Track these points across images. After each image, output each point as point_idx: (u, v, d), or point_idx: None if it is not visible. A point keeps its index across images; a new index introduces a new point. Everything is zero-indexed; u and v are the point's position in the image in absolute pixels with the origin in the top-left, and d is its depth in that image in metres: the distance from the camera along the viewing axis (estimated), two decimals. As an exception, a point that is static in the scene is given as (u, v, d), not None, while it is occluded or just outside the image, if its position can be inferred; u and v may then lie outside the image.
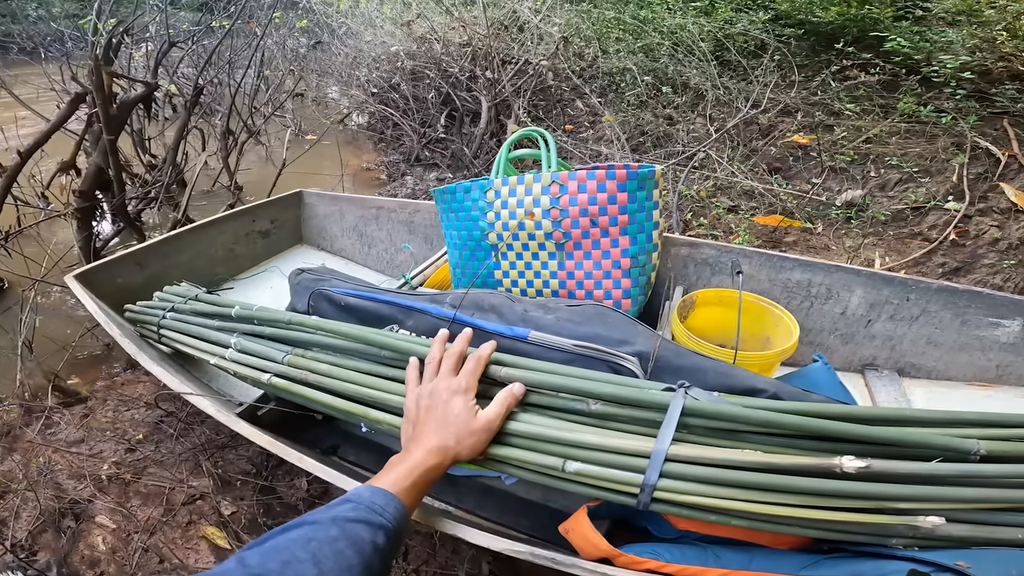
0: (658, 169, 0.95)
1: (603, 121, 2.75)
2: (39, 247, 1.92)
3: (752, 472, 0.52)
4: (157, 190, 2.04)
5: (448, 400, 0.62)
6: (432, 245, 1.48)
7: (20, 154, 1.73)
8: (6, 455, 1.30)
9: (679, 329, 0.99)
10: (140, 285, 1.27)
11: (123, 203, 1.76)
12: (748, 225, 2.02)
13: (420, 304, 0.88)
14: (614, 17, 3.74)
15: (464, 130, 3.13)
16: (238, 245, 1.57)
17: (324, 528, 0.45)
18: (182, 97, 2.57)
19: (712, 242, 1.19)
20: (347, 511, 0.48)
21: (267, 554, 0.42)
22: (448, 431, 0.60)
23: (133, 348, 0.96)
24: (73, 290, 1.15)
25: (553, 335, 0.76)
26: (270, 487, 1.21)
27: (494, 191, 1.04)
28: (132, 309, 1.13)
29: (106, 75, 1.51)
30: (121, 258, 1.28)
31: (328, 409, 0.78)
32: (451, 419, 0.60)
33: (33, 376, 1.52)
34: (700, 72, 2.86)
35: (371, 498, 0.50)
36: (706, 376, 0.69)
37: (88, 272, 1.20)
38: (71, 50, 3.53)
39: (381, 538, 0.47)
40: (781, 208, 2.07)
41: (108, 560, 1.06)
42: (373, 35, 4.02)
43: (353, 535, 0.45)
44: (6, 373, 1.53)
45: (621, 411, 0.60)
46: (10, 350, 1.54)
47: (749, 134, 2.54)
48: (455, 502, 0.88)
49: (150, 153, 2.58)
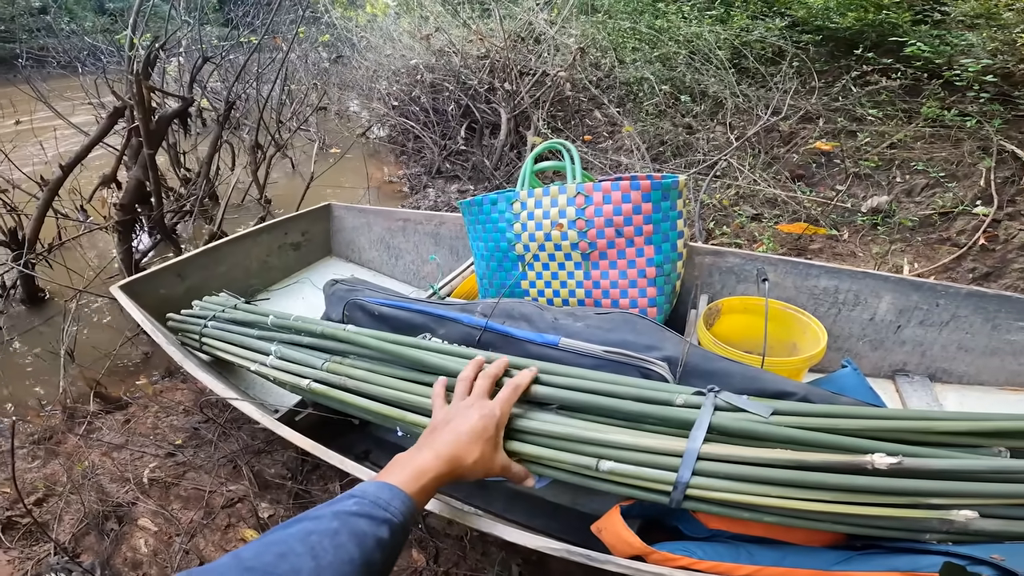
0: (681, 179, 0.97)
1: (622, 131, 2.77)
2: (79, 259, 2.00)
3: (783, 469, 0.53)
4: (192, 203, 2.11)
5: (478, 422, 0.60)
6: (458, 256, 1.51)
7: (62, 168, 1.80)
8: (50, 459, 1.35)
9: (705, 336, 1.00)
10: (181, 295, 1.33)
11: (161, 216, 1.84)
12: (772, 233, 2.02)
13: (451, 313, 0.91)
14: (630, 27, 3.77)
15: (484, 142, 3.16)
16: (271, 257, 1.62)
17: (325, 522, 0.44)
18: (214, 111, 2.65)
19: (736, 250, 1.20)
20: (350, 505, 0.47)
21: (263, 547, 0.41)
22: (469, 448, 0.58)
23: (179, 355, 1.01)
24: (119, 300, 1.20)
25: (583, 342, 0.79)
26: (305, 491, 1.24)
27: (520, 203, 1.07)
28: (174, 318, 1.18)
29: (145, 89, 1.57)
30: (163, 269, 1.34)
31: (366, 413, 0.81)
32: (478, 438, 0.59)
33: (75, 383, 1.58)
34: (718, 80, 2.86)
35: (376, 493, 0.49)
36: (734, 380, 0.71)
37: (132, 283, 1.26)
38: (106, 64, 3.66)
39: (385, 532, 0.46)
40: (805, 216, 2.06)
41: (150, 562, 1.09)
42: (392, 49, 4.09)
43: (355, 528, 0.44)
44: (49, 380, 1.59)
45: (653, 413, 0.61)
46: (53, 358, 1.60)
47: (770, 141, 2.53)
48: (484, 505, 0.89)
49: (185, 167, 2.67)
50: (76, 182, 2.08)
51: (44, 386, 1.60)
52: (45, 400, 1.55)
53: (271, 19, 2.45)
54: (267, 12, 3.58)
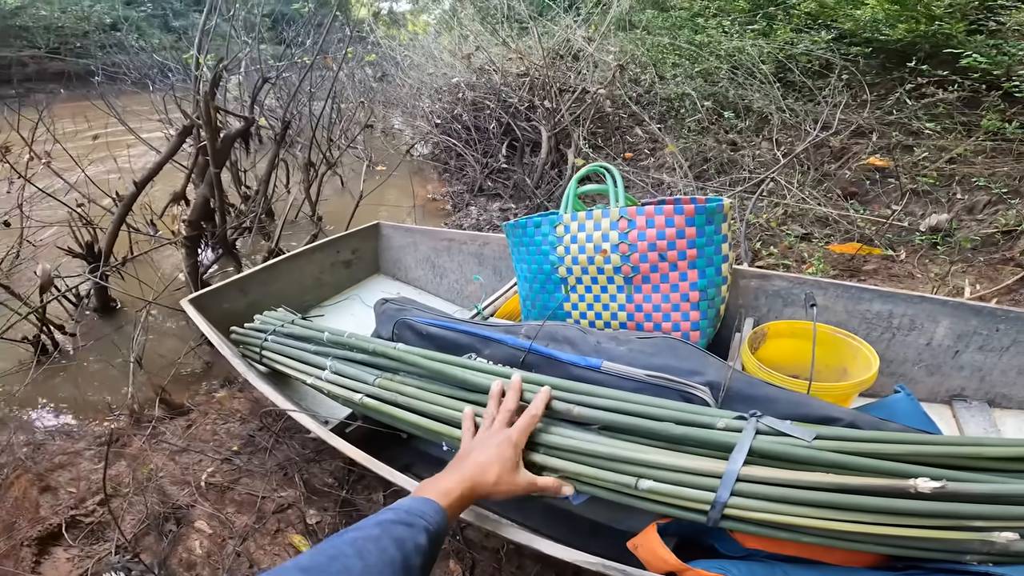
0: (726, 202, 0.97)
1: (664, 149, 2.75)
2: (147, 271, 2.14)
3: (824, 492, 0.53)
4: (251, 220, 2.24)
5: (494, 449, 0.66)
6: (501, 277, 1.54)
7: (136, 184, 1.94)
8: (115, 461, 1.43)
9: (750, 360, 0.99)
10: (242, 310, 1.41)
11: (224, 232, 1.95)
12: (823, 254, 1.96)
13: (496, 334, 0.94)
14: (669, 43, 3.76)
15: (525, 160, 3.20)
16: (324, 274, 1.71)
17: (368, 529, 0.51)
18: (270, 129, 2.79)
19: (784, 273, 1.18)
20: (389, 516, 0.53)
21: (317, 553, 0.47)
22: (490, 471, 0.64)
23: (242, 367, 1.08)
24: (188, 313, 1.29)
25: (625, 366, 0.80)
26: (350, 500, 1.28)
27: (563, 226, 1.09)
28: (237, 331, 1.26)
29: (212, 110, 1.69)
30: (226, 285, 1.43)
31: (413, 428, 0.85)
32: (495, 462, 0.65)
33: (142, 390, 1.68)
34: (763, 95, 2.82)
35: (411, 505, 0.56)
36: (779, 405, 0.71)
37: (200, 297, 1.35)
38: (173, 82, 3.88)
39: (422, 537, 0.52)
40: (859, 235, 1.99)
41: (203, 563, 1.14)
42: (435, 67, 4.20)
43: (394, 533, 0.51)
44: (118, 386, 1.70)
45: (693, 435, 0.62)
46: (122, 365, 1.71)
47: (820, 158, 2.47)
48: (520, 520, 0.91)
49: (245, 184, 2.82)
50: (148, 197, 2.23)
51: (112, 391, 1.70)
52: (114, 404, 1.64)
53: (322, 39, 2.57)
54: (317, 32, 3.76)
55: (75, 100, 3.50)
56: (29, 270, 2.32)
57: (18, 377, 1.75)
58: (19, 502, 1.29)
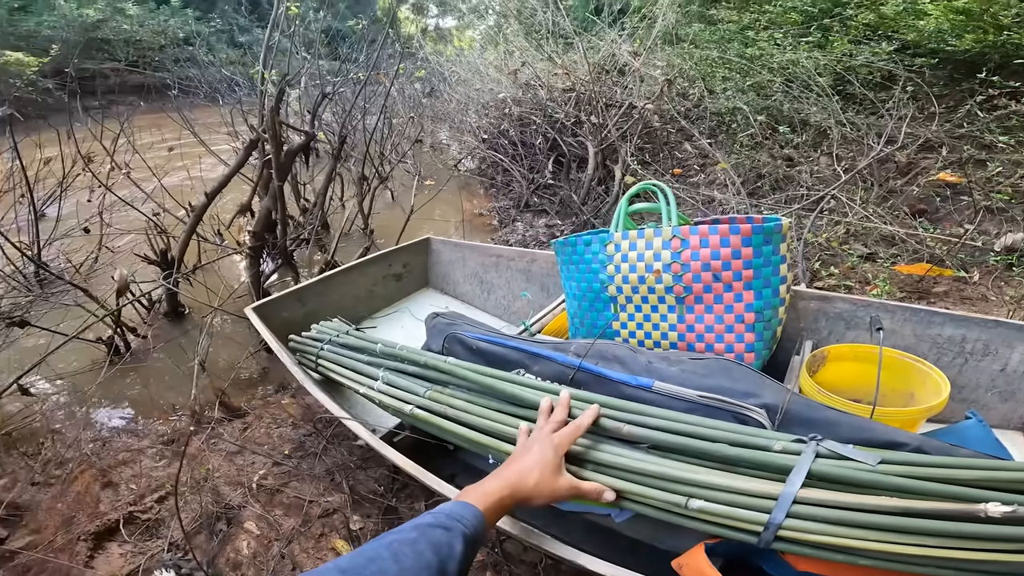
0: (785, 222, 0.94)
1: (716, 166, 2.69)
2: (212, 278, 2.26)
3: (886, 516, 0.52)
4: (309, 232, 2.34)
5: (537, 452, 0.68)
6: (548, 293, 1.55)
7: (207, 195, 2.06)
8: (175, 460, 1.48)
9: (808, 384, 0.96)
10: (300, 319, 1.48)
11: (285, 244, 2.05)
12: (888, 275, 1.86)
13: (546, 351, 0.94)
14: (718, 56, 3.70)
15: (571, 176, 3.19)
16: (376, 286, 1.76)
17: (406, 532, 0.52)
18: (328, 144, 2.91)
19: (847, 296, 1.14)
20: (428, 520, 0.55)
21: (355, 555, 0.49)
22: (531, 474, 0.65)
23: (300, 375, 1.13)
24: (252, 321, 1.36)
25: (677, 386, 0.80)
26: (393, 507, 1.29)
27: (614, 244, 1.09)
28: (295, 339, 1.32)
29: (277, 125, 1.79)
30: (287, 295, 1.50)
31: (461, 440, 0.87)
32: (536, 465, 0.66)
33: (204, 392, 1.75)
34: (821, 108, 2.72)
35: (451, 509, 0.57)
36: (840, 429, 0.69)
37: (262, 306, 1.43)
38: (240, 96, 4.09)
39: (458, 542, 0.53)
40: (928, 255, 1.88)
41: (249, 563, 1.16)
42: (481, 83, 4.28)
43: (431, 537, 0.52)
44: (182, 388, 1.78)
45: (748, 457, 0.62)
46: (187, 368, 1.79)
47: (885, 173, 2.35)
48: (561, 535, 0.90)
49: (304, 197, 2.93)
50: (215, 207, 2.36)
51: (175, 392, 1.79)
52: (177, 405, 1.73)
53: (376, 57, 2.66)
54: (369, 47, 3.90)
55: (152, 112, 3.76)
56: (106, 274, 2.50)
57: (90, 376, 1.87)
58: (80, 496, 1.36)
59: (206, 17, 12.44)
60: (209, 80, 4.87)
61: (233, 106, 3.68)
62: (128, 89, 7.12)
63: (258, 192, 2.18)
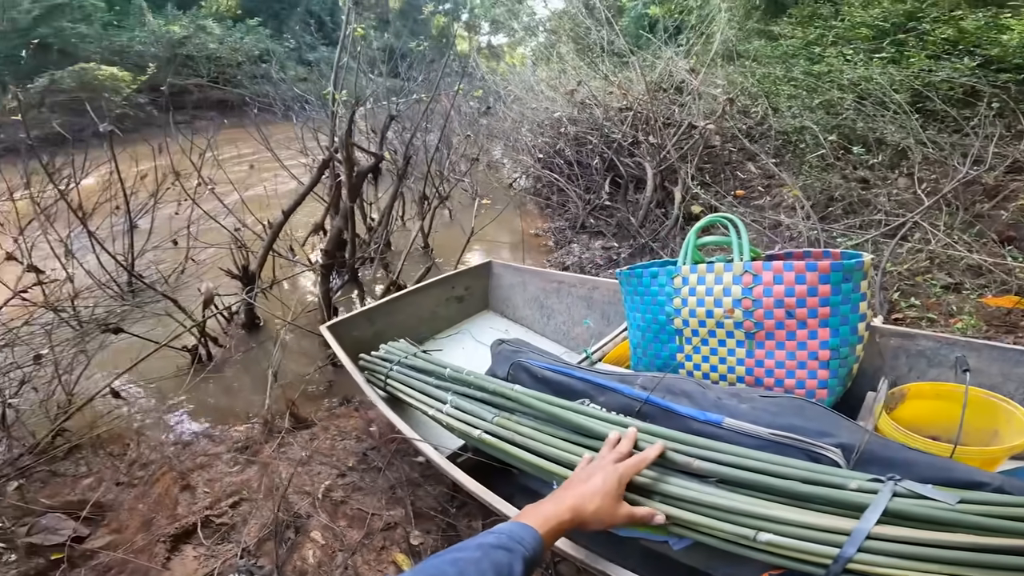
0: (867, 259, 0.92)
1: (786, 192, 2.59)
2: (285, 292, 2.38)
3: (964, 551, 0.52)
4: (374, 251, 2.45)
5: (599, 480, 0.68)
6: (609, 322, 1.55)
7: (284, 213, 2.20)
8: (247, 466, 1.54)
9: (885, 422, 0.95)
10: (369, 338, 1.55)
11: (353, 262, 2.15)
12: (975, 307, 1.74)
13: (612, 383, 0.95)
14: (782, 73, 3.59)
15: (629, 197, 3.16)
16: (439, 308, 1.82)
17: (470, 551, 0.53)
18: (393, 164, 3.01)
19: (929, 333, 1.08)
20: (491, 540, 0.56)
21: (419, 571, 0.51)
22: (592, 500, 0.66)
23: (371, 393, 1.19)
24: (327, 338, 1.44)
25: (748, 423, 0.80)
26: (452, 524, 1.31)
27: (681, 278, 1.08)
28: (365, 358, 1.39)
29: (350, 148, 1.89)
30: (358, 315, 1.59)
31: (527, 466, 0.89)
32: (599, 492, 0.67)
33: (276, 402, 1.82)
34: (898, 127, 2.58)
35: (512, 529, 0.58)
36: (918, 469, 0.68)
37: (336, 324, 1.51)
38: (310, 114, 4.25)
39: (519, 565, 0.54)
40: (1017, 287, 1.74)
41: (314, 573, 1.19)
42: (536, 101, 4.30)
43: (494, 558, 0.53)
44: (254, 396, 1.88)
45: (821, 495, 0.63)
46: (261, 378, 1.89)
47: (971, 196, 2.19)
48: (618, 560, 0.90)
49: (370, 216, 3.05)
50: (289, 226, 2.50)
51: (248, 400, 1.89)
52: (250, 413, 1.81)
53: (439, 78, 2.75)
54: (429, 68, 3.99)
55: (231, 128, 4.01)
56: (191, 285, 2.69)
57: (174, 382, 2.01)
58: (161, 499, 1.43)
59: (278, 35, 13.14)
60: (283, 97, 5.11)
61: (304, 123, 3.86)
62: (210, 104, 7.49)
63: (330, 211, 2.29)
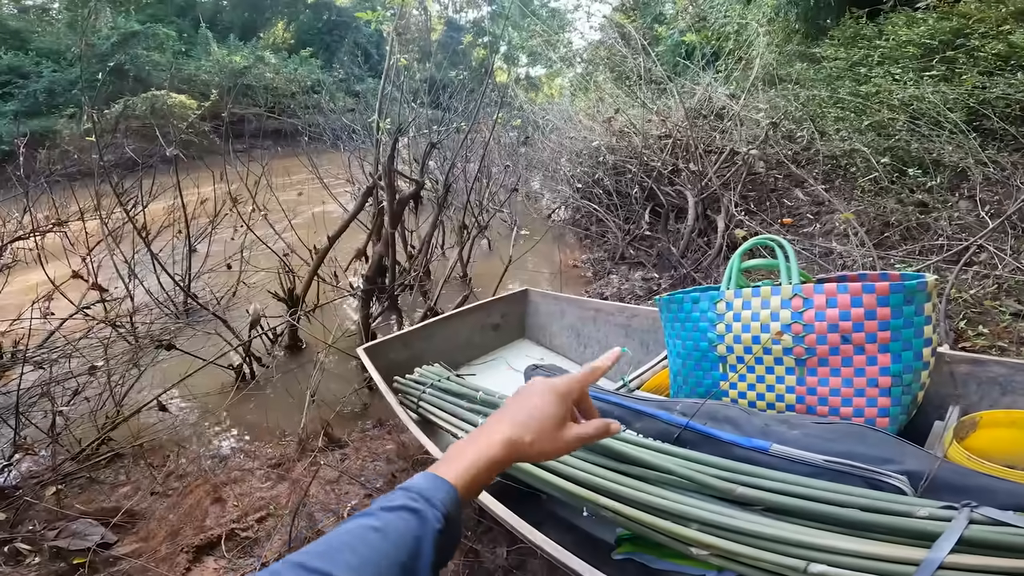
0: (931, 280, 0.85)
1: (839, 217, 2.46)
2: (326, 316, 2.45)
3: None
4: (413, 278, 2.49)
5: (542, 398, 0.57)
6: (648, 350, 1.50)
7: (329, 239, 2.28)
8: (278, 483, 1.56)
9: (956, 451, 0.87)
10: (403, 361, 1.55)
11: (393, 288, 2.20)
12: (1049, 334, 1.59)
13: (649, 409, 0.91)
14: (828, 95, 3.50)
15: (669, 227, 3.09)
16: (474, 335, 1.81)
17: (372, 518, 0.45)
18: (433, 193, 3.02)
19: (1002, 359, 1.00)
20: (398, 498, 0.47)
21: (310, 549, 0.43)
22: (528, 426, 0.54)
23: (403, 414, 1.18)
24: (363, 360, 1.46)
25: (799, 450, 0.76)
26: (475, 550, 1.28)
27: (725, 303, 1.04)
28: (399, 381, 1.39)
29: (392, 175, 1.95)
30: (394, 338, 1.60)
31: (559, 491, 0.85)
32: (536, 415, 0.55)
33: (312, 422, 1.86)
34: (955, 146, 2.45)
35: (423, 484, 0.49)
36: (997, 496, 0.64)
37: (372, 347, 1.53)
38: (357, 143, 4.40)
39: (428, 527, 0.45)
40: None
41: None
42: (575, 131, 4.30)
43: (396, 524, 0.45)
44: (292, 416, 1.91)
45: (884, 523, 0.59)
46: (299, 398, 1.92)
47: (1038, 218, 2.03)
48: None
49: (410, 244, 3.10)
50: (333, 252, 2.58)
51: (285, 419, 1.93)
52: (286, 431, 1.85)
53: (478, 108, 2.80)
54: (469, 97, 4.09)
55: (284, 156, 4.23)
56: (240, 307, 2.81)
57: (217, 398, 2.09)
58: (191, 510, 1.47)
59: (328, 66, 13.86)
60: (332, 127, 5.32)
61: (352, 152, 4.02)
62: (266, 133, 7.72)
63: (372, 237, 2.36)
